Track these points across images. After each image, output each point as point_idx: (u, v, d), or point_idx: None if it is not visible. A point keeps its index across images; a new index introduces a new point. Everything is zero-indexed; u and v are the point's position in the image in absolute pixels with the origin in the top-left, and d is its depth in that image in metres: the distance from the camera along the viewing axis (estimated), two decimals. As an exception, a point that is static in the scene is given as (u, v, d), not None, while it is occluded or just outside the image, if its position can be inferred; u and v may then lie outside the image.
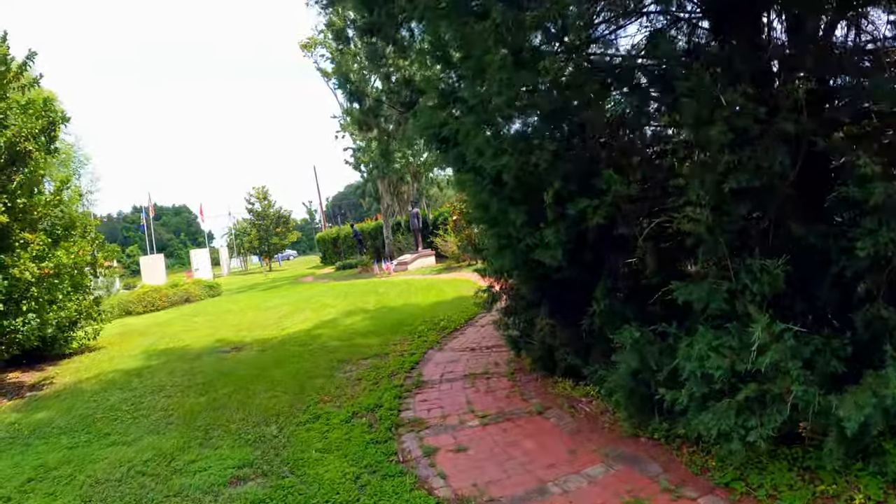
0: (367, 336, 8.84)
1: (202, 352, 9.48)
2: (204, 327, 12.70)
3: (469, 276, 16.95)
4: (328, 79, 28.85)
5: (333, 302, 13.96)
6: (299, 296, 16.64)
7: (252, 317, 13.28)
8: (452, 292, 13.13)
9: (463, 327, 9.18)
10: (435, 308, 11.00)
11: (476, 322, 9.51)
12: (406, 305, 11.71)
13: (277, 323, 11.63)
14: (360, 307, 12.31)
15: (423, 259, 22.13)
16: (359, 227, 31.05)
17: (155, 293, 20.28)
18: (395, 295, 13.67)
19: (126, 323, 16.68)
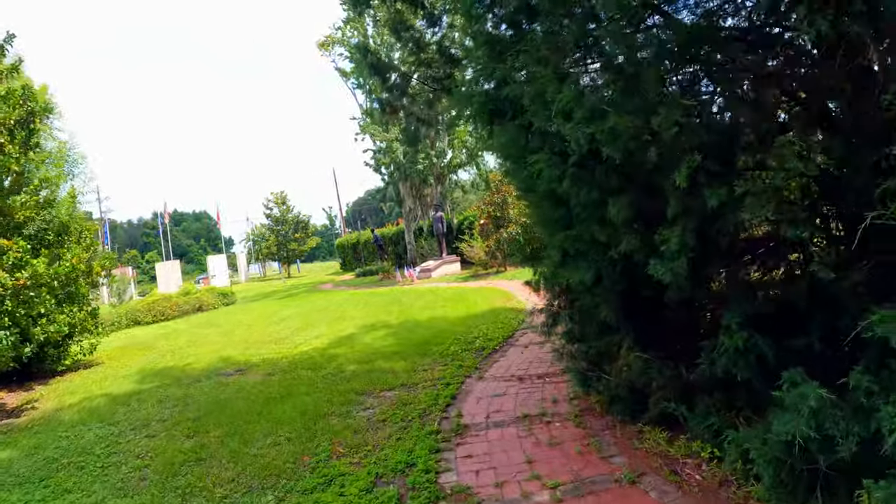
0: (391, 358, 7.51)
1: (202, 374, 8.25)
2: (210, 341, 11.52)
3: (499, 284, 15.60)
4: (347, 79, 27.82)
5: (352, 313, 12.69)
6: (316, 306, 15.42)
7: (263, 330, 12.07)
8: (484, 304, 11.77)
9: (502, 347, 7.81)
10: (466, 323, 9.65)
11: (516, 341, 8.14)
12: (433, 319, 10.38)
13: (290, 338, 10.38)
14: (381, 320, 11.01)
15: (447, 266, 20.82)
16: (379, 233, 29.86)
17: (165, 302, 19.26)
18: (420, 306, 12.35)
19: (132, 334, 15.63)
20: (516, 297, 12.48)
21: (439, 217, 21.26)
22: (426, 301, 13.07)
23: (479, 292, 13.85)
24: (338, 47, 26.85)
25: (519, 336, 8.45)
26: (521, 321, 9.54)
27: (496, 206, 18.05)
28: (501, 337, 8.32)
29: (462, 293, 13.97)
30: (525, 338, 8.28)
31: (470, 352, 7.53)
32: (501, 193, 18.03)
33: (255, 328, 12.53)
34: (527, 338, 8.27)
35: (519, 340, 8.16)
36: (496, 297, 12.73)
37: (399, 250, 28.62)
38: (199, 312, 19.47)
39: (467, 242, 20.05)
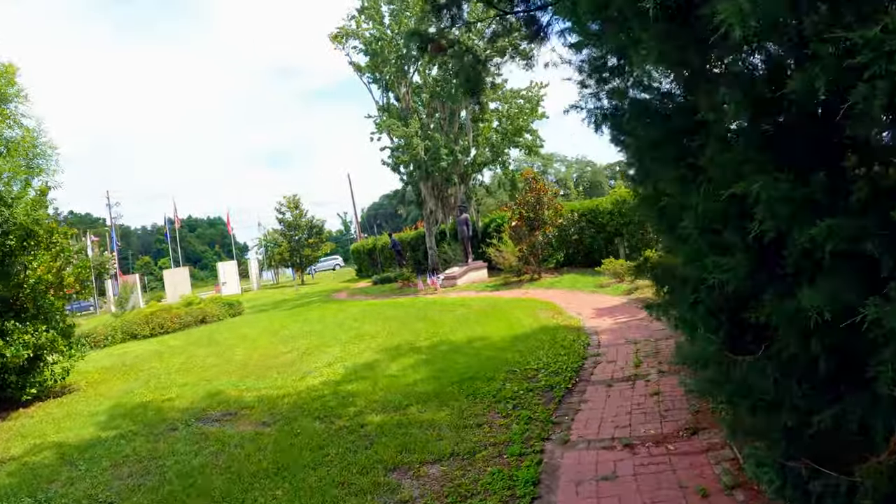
0: (428, 403, 5.56)
1: (182, 416, 6.38)
2: (204, 365, 9.68)
3: (537, 294, 13.62)
4: (362, 73, 25.99)
5: (371, 330, 10.77)
6: (329, 320, 13.54)
7: (266, 350, 10.20)
8: (529, 320, 9.81)
9: (577, 385, 5.85)
10: (516, 347, 7.70)
11: (591, 375, 6.17)
12: (473, 341, 8.43)
13: (296, 364, 8.50)
14: (407, 341, 9.08)
15: (473, 272, 18.87)
16: (397, 237, 27.99)
17: (165, 314, 17.52)
18: (452, 322, 10.40)
19: (124, 351, 13.88)
20: (565, 311, 10.52)
21: (464, 219, 19.32)
22: (458, 316, 11.12)
23: (517, 304, 11.87)
24: (352, 40, 25.09)
25: (591, 367, 6.48)
26: (584, 344, 7.57)
27: (529, 207, 16.07)
28: (570, 369, 6.35)
29: (497, 305, 12.00)
30: (601, 371, 6.30)
31: (535, 393, 5.57)
32: (535, 192, 16.07)
33: (258, 347, 10.67)
34: (604, 370, 6.30)
35: (595, 374, 6.19)
36: (540, 310, 10.76)
37: (418, 256, 26.71)
38: (202, 324, 17.72)
39: (495, 247, 18.09)
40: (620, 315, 9.70)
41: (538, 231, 15.95)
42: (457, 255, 21.68)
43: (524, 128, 21.62)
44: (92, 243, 40.23)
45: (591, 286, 13.60)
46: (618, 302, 11.10)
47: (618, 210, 15.69)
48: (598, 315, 9.92)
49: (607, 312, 10.09)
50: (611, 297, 11.74)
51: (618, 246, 16.11)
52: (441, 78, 20.53)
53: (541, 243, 16.24)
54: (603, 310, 10.37)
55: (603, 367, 6.48)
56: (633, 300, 11.05)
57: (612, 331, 8.43)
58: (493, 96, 21.26)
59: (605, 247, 16.50)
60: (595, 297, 12.16)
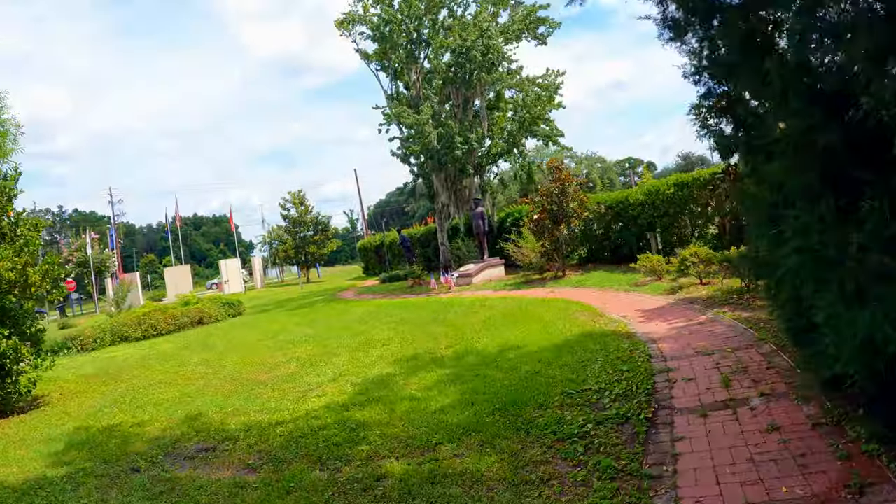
0: (465, 440, 4.21)
1: (149, 451, 5.06)
2: (189, 376, 8.38)
3: (565, 292, 12.25)
4: (370, 61, 24.63)
5: (383, 335, 9.43)
6: (334, 322, 12.21)
7: (262, 358, 8.88)
8: (565, 323, 8.45)
9: (659, 414, 4.49)
10: (560, 358, 6.34)
11: (673, 398, 4.82)
12: (505, 350, 7.07)
13: (295, 378, 7.17)
14: (426, 350, 7.73)
15: (490, 270, 17.50)
16: (407, 233, 26.67)
17: (159, 314, 16.24)
18: (475, 326, 9.04)
19: (111, 357, 12.62)
20: (605, 314, 9.16)
21: (480, 213, 17.93)
22: (481, 318, 9.76)
23: (546, 305, 10.50)
24: (359, 25, 23.73)
25: (666, 388, 5.11)
26: (645, 356, 6.20)
27: (553, 198, 14.68)
28: (641, 391, 4.99)
29: (524, 306, 10.63)
30: (682, 393, 4.94)
31: (607, 426, 4.21)
32: (560, 182, 14.68)
33: (254, 355, 9.35)
34: (685, 393, 4.93)
35: (676, 398, 4.82)
36: (576, 312, 9.40)
37: (429, 253, 25.37)
38: (199, 325, 16.45)
39: (514, 242, 16.72)
40: (673, 318, 8.32)
41: (563, 225, 14.56)
42: (471, 252, 20.32)
43: (541, 116, 20.22)
44: (91, 241, 39.15)
45: (624, 284, 12.23)
46: (663, 303, 9.73)
47: (651, 201, 14.28)
48: (647, 318, 8.55)
49: (656, 315, 8.72)
50: (652, 297, 10.37)
51: (650, 241, 14.72)
52: (454, 62, 19.14)
53: (566, 238, 14.86)
54: (650, 312, 9.00)
55: (682, 387, 5.12)
56: (680, 300, 9.69)
57: (671, 338, 7.05)
58: (511, 82, 19.88)
59: (635, 242, 15.12)
60: (633, 296, 10.78)
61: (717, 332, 7.18)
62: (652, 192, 14.31)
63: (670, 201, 13.89)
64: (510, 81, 19.73)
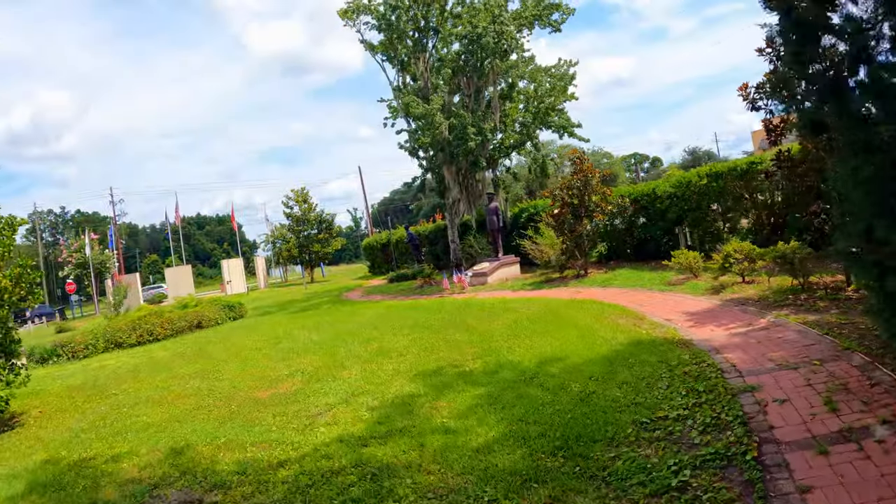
0: (527, 498, 3.20)
1: (121, 499, 4.08)
2: (181, 393, 7.40)
3: (593, 293, 11.23)
4: (375, 53, 23.62)
5: (398, 342, 8.44)
6: (342, 327, 11.21)
7: (263, 371, 7.89)
8: (606, 330, 7.45)
9: (764, 450, 3.49)
10: (615, 374, 5.34)
11: (770, 430, 3.82)
12: (545, 363, 6.06)
13: (300, 396, 6.17)
14: (451, 362, 6.72)
15: (506, 268, 16.48)
16: (414, 231, 25.69)
17: (155, 318, 15.31)
18: (502, 333, 8.03)
19: (101, 365, 11.71)
20: (647, 317, 8.16)
21: (494, 208, 16.90)
22: (506, 323, 8.75)
23: (577, 308, 9.49)
24: (364, 15, 22.71)
25: (758, 413, 4.11)
26: (716, 371, 5.20)
27: (575, 192, 13.65)
28: (731, 418, 3.99)
29: (552, 309, 9.62)
30: (781, 419, 3.94)
31: (707, 473, 3.21)
32: (582, 174, 13.64)
33: (254, 366, 8.37)
34: (786, 420, 3.93)
35: (776, 427, 3.83)
36: (613, 315, 8.40)
37: (437, 250, 24.37)
38: (198, 329, 15.51)
39: (531, 239, 15.71)
40: (728, 322, 7.32)
41: (586, 219, 13.53)
42: (483, 250, 19.30)
43: (554, 107, 19.19)
44: (91, 241, 38.27)
45: (656, 284, 11.21)
46: (709, 304, 8.71)
47: (681, 194, 13.23)
48: (698, 323, 7.54)
49: (707, 319, 7.71)
50: (694, 298, 9.36)
51: (678, 236, 13.69)
52: (465, 50, 18.10)
53: (589, 234, 13.83)
54: (698, 315, 7.99)
55: (778, 412, 4.11)
56: (728, 301, 8.68)
57: (738, 348, 6.04)
58: (525, 70, 18.84)
59: (662, 237, 14.09)
60: (671, 297, 9.76)
61: (788, 339, 6.18)
62: (682, 184, 13.26)
63: (703, 193, 12.85)
64: (524, 69, 18.69)
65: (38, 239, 72.58)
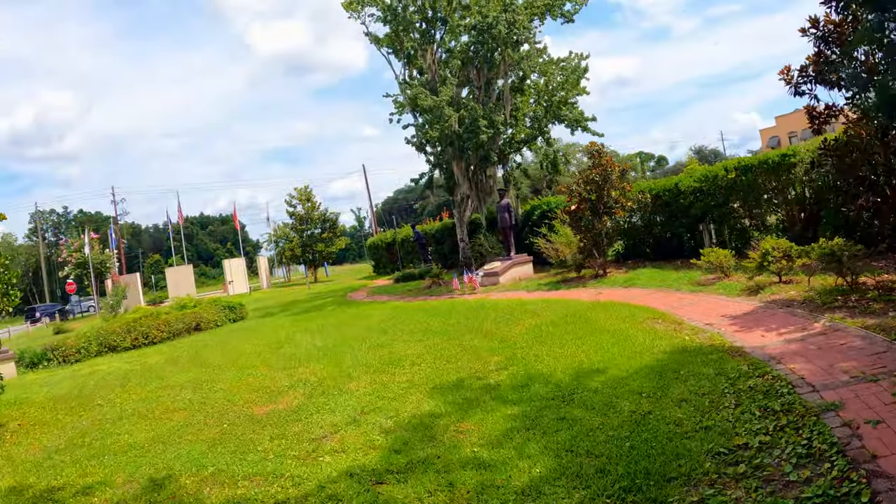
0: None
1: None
2: (170, 406, 6.67)
3: (615, 294, 10.46)
4: (380, 46, 22.88)
5: (410, 350, 7.69)
6: (348, 331, 10.47)
7: (261, 381, 7.15)
8: (642, 335, 6.70)
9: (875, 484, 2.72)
10: (666, 389, 4.60)
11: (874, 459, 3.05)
12: (582, 375, 5.30)
13: (302, 415, 5.43)
14: (473, 373, 5.97)
15: (518, 267, 15.71)
16: (421, 229, 24.94)
17: (151, 320, 14.60)
18: (526, 338, 7.28)
19: (91, 371, 11.01)
20: (684, 321, 7.41)
21: (505, 205, 16.13)
22: (528, 328, 7.98)
23: (604, 310, 8.70)
24: (369, 7, 21.96)
25: (851, 438, 3.34)
26: (785, 385, 4.44)
27: (594, 187, 12.87)
28: (824, 445, 3.23)
29: (576, 312, 8.83)
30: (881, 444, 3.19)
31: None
32: (601, 169, 12.86)
33: (252, 374, 7.63)
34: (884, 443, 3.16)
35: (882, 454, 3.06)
36: (647, 319, 7.63)
37: (444, 249, 23.63)
38: (196, 332, 14.81)
39: (546, 237, 14.95)
40: (778, 327, 6.56)
41: (606, 216, 12.75)
42: (494, 248, 18.52)
43: (566, 100, 18.42)
44: (91, 241, 37.58)
45: (684, 284, 10.44)
46: (749, 306, 7.95)
47: (706, 189, 12.44)
48: (743, 328, 6.78)
49: (752, 323, 6.95)
50: (730, 300, 8.59)
51: (703, 233, 12.91)
52: (475, 40, 17.33)
53: (609, 231, 13.05)
54: (741, 319, 7.23)
55: (876, 436, 3.36)
56: (769, 303, 7.92)
57: (799, 356, 5.27)
58: (537, 62, 18.07)
59: (685, 234, 13.32)
60: (704, 298, 8.99)
61: (853, 346, 5.43)
62: (708, 178, 12.47)
63: (730, 188, 12.06)
64: (536, 60, 17.92)
65: (40, 238, 72.17)
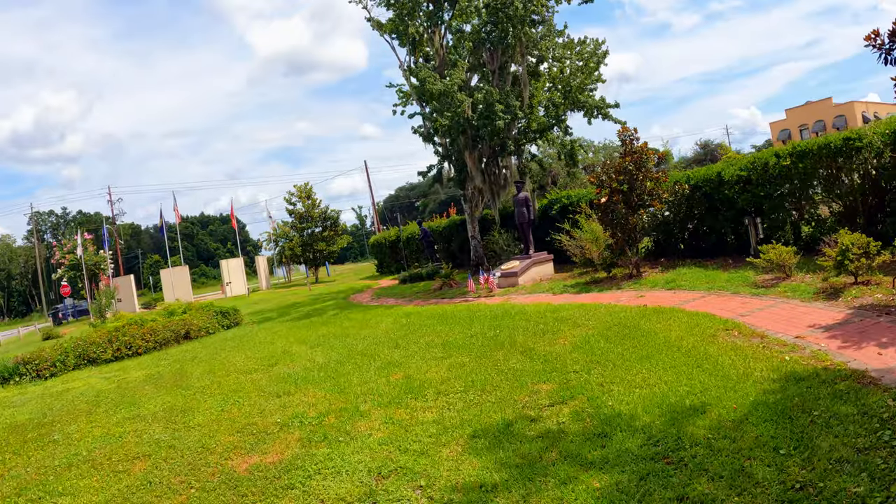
0: None
1: None
2: (131, 452, 5.29)
3: (661, 298, 9.05)
4: (382, 32, 21.43)
5: (430, 372, 6.29)
6: (354, 344, 9.07)
7: (248, 415, 5.75)
8: (724, 354, 5.31)
9: None
10: (806, 438, 3.23)
11: None
12: (676, 416, 3.91)
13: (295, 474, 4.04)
14: (520, 410, 4.56)
15: (538, 267, 14.31)
16: (428, 226, 23.55)
17: (135, 329, 13.20)
18: (575, 355, 5.88)
19: (64, 389, 9.68)
20: (768, 333, 6.02)
21: (523, 198, 14.71)
22: (573, 342, 6.57)
23: (657, 319, 7.28)
24: (371, -8, 20.50)
25: None
26: None
27: (628, 177, 11.48)
28: None
29: (624, 321, 7.42)
30: None
31: None
32: (636, 156, 11.48)
33: (238, 404, 6.24)
34: None
35: None
36: (719, 332, 6.24)
37: (453, 248, 22.22)
38: (185, 340, 13.45)
39: (570, 233, 13.55)
40: (892, 340, 5.19)
41: (643, 210, 11.35)
42: (509, 246, 17.10)
43: (584, 86, 16.99)
44: (84, 241, 36.17)
45: (740, 286, 9.05)
46: (837, 314, 6.59)
47: (755, 178, 11.04)
48: (846, 342, 5.42)
49: (855, 335, 5.59)
50: (808, 306, 7.21)
51: (748, 227, 11.52)
52: (488, 20, 15.89)
53: (646, 227, 11.68)
54: (839, 331, 5.87)
55: None
56: (861, 309, 6.59)
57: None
58: (554, 41, 16.63)
59: (728, 229, 11.93)
60: (774, 304, 7.59)
61: None
62: (757, 166, 11.05)
63: (785, 177, 10.66)
64: (555, 40, 16.49)
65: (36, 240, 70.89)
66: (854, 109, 53.01)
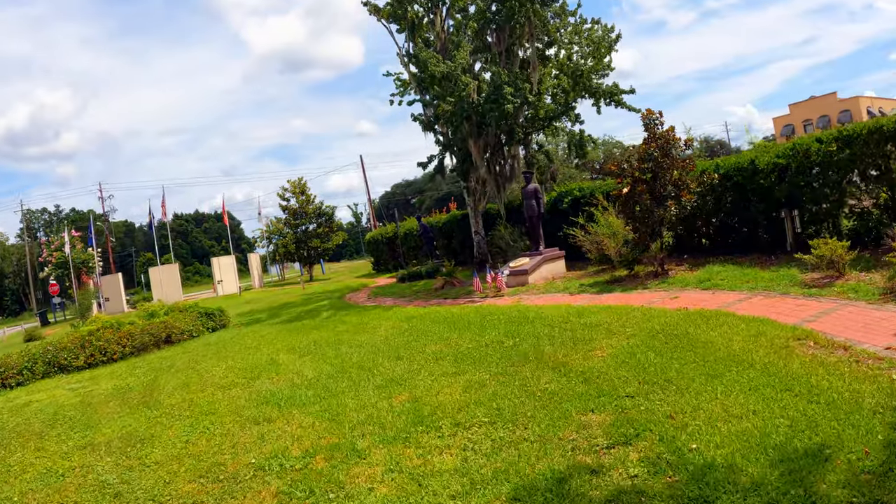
0: None
1: None
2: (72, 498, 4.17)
3: (698, 298, 7.95)
4: (379, 17, 20.24)
5: (443, 395, 5.18)
6: (349, 353, 7.95)
7: (217, 453, 4.63)
8: (813, 372, 4.23)
9: None
10: None
11: None
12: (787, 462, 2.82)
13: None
14: (574, 457, 3.45)
15: (549, 264, 13.20)
16: (427, 222, 22.42)
17: (110, 332, 12.04)
18: (621, 372, 4.78)
19: (25, 402, 8.61)
20: (852, 344, 4.94)
21: (532, 190, 13.58)
22: (613, 354, 5.47)
23: (708, 325, 6.16)
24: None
25: None
26: None
27: (653, 165, 10.38)
28: None
29: (666, 326, 6.31)
30: None
31: None
32: (662, 142, 10.39)
33: (207, 434, 5.12)
34: None
35: None
36: (790, 342, 5.14)
37: (453, 245, 21.10)
38: (166, 345, 12.31)
39: (584, 228, 12.45)
40: None
41: (672, 201, 10.25)
42: (515, 242, 15.97)
43: (595, 69, 15.88)
44: (72, 239, 34.93)
45: (787, 285, 7.98)
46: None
47: (796, 166, 9.96)
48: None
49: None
50: (879, 309, 6.18)
51: (784, 220, 10.46)
52: None
53: (672, 220, 10.60)
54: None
55: None
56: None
57: None
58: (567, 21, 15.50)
59: (761, 222, 10.85)
60: (837, 306, 6.51)
61: None
62: (797, 153, 9.97)
63: (829, 164, 9.59)
64: (567, 20, 15.37)
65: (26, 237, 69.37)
66: (859, 104, 52.13)
